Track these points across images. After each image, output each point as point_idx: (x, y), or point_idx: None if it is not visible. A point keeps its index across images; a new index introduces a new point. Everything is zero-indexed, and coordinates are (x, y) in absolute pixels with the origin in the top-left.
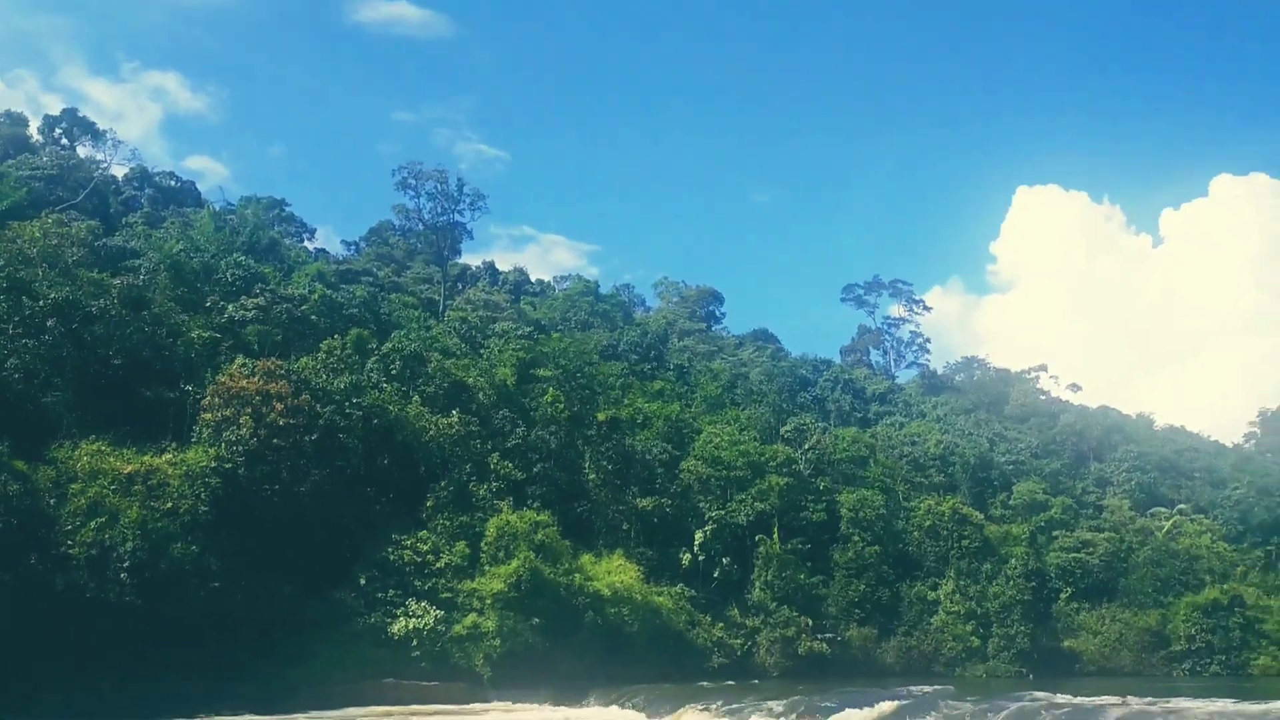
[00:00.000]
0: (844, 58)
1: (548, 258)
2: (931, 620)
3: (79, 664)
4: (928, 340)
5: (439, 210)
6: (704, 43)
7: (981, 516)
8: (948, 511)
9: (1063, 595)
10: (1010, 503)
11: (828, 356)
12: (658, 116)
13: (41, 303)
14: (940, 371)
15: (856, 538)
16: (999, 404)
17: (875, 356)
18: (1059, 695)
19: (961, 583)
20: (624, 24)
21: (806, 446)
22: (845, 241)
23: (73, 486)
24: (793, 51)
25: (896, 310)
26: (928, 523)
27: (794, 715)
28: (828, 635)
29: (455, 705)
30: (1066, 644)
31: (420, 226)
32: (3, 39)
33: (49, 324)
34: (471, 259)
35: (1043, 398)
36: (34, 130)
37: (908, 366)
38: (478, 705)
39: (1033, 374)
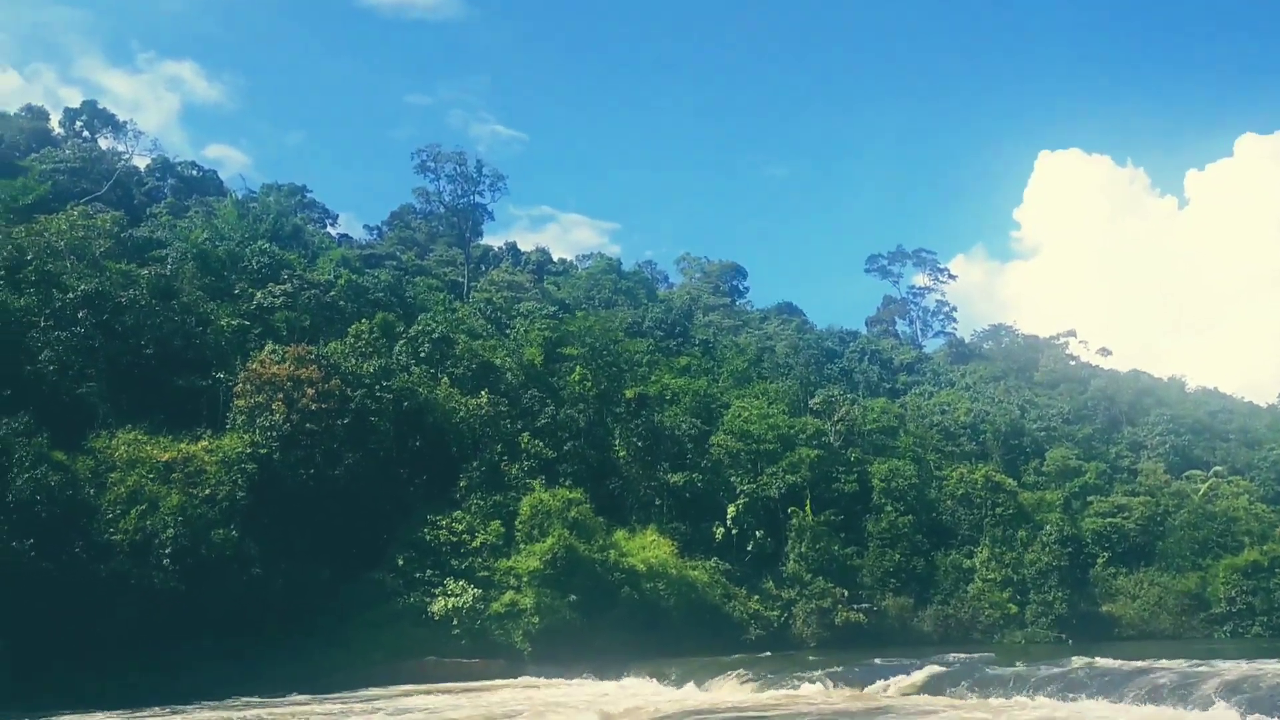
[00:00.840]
0: (859, 24)
1: (568, 237)
2: (968, 588)
3: (124, 649)
4: (954, 309)
5: (459, 192)
6: (716, 16)
7: (1015, 483)
8: (980, 479)
9: (1099, 560)
10: (1043, 469)
11: (853, 328)
12: (673, 92)
13: (72, 295)
14: (968, 340)
15: (889, 508)
16: (1028, 371)
17: (901, 326)
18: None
19: (997, 550)
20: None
21: (836, 418)
22: (867, 212)
23: (112, 475)
24: (806, 20)
25: (921, 280)
26: (960, 491)
27: (834, 684)
28: (864, 605)
29: (496, 681)
30: (1105, 609)
31: (441, 209)
32: (19, 33)
33: (80, 315)
34: (493, 240)
35: (1072, 363)
36: (55, 123)
37: (934, 336)
38: (518, 681)
39: (1061, 340)
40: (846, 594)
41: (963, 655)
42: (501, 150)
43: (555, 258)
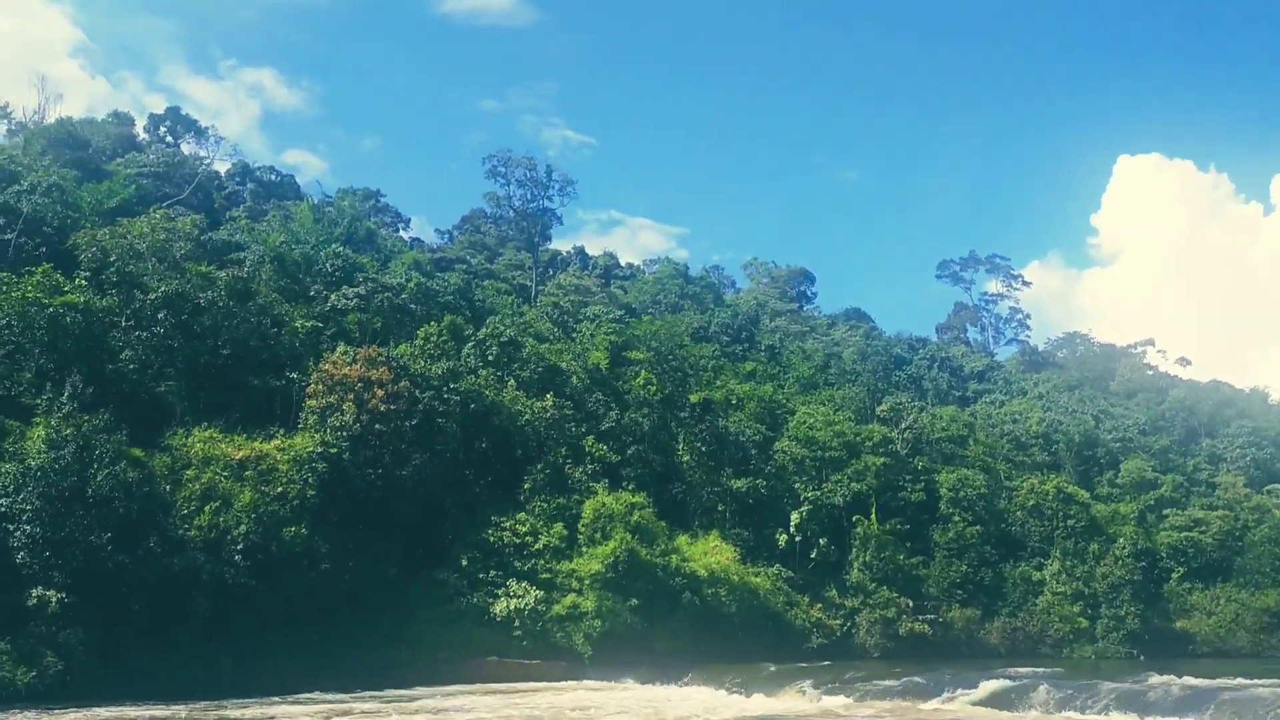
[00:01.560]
0: (932, 27)
1: (636, 241)
2: (1037, 601)
3: (199, 641)
4: (1027, 316)
5: (529, 197)
6: (786, 20)
7: (1087, 495)
8: (1052, 490)
9: (1174, 575)
10: (1117, 481)
11: (923, 334)
12: (742, 96)
13: (152, 296)
14: (1041, 348)
15: (957, 518)
16: (1104, 380)
17: (973, 334)
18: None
19: (1068, 563)
20: (705, 3)
21: (903, 426)
22: (938, 217)
23: (187, 473)
24: (877, 23)
25: (994, 286)
26: (1031, 502)
27: (899, 696)
28: (929, 616)
29: (557, 683)
30: (1179, 625)
31: (511, 213)
32: (109, 43)
33: (160, 316)
34: (561, 244)
35: (1150, 373)
36: (140, 129)
37: (1007, 343)
38: (578, 683)
39: (1139, 349)
40: (911, 604)
41: (1031, 669)
42: (570, 155)
43: (622, 262)
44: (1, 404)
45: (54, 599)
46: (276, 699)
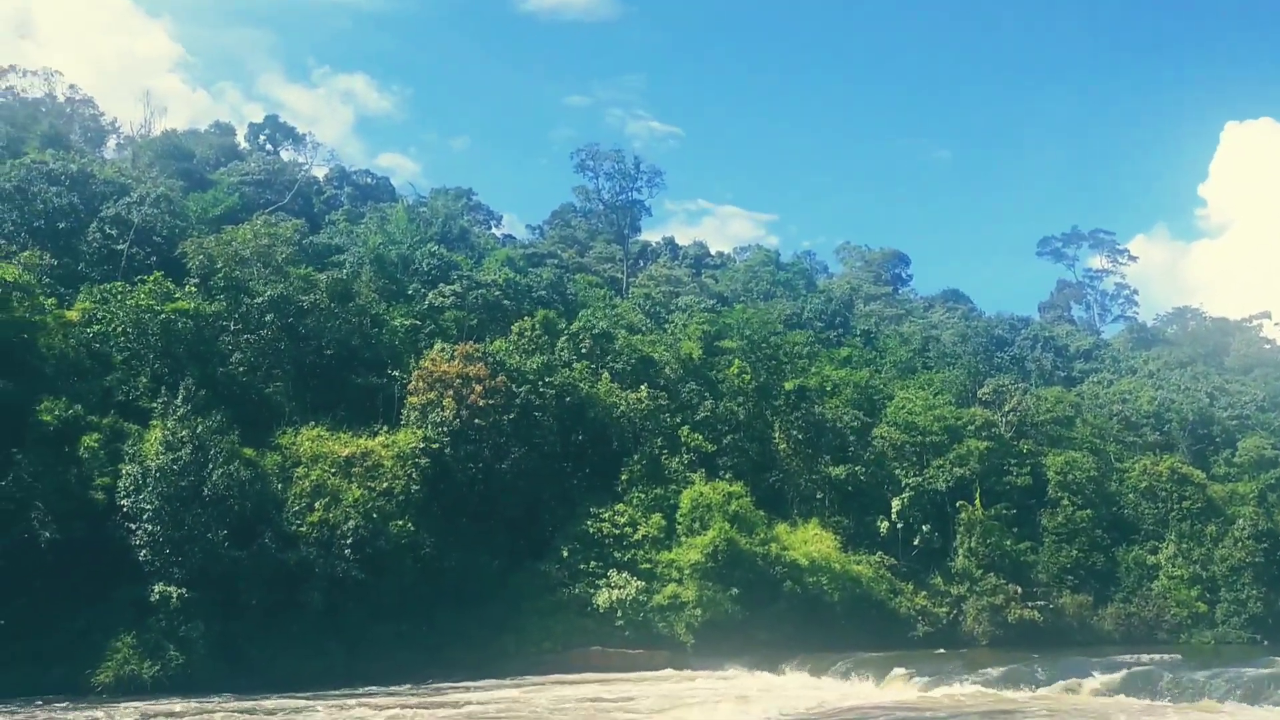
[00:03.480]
0: None
1: (725, 230)
2: (1152, 585)
3: (312, 634)
4: (1134, 292)
5: (617, 189)
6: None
7: (1203, 475)
8: (1165, 471)
9: None
10: (1235, 460)
11: (1025, 314)
12: (829, 78)
13: (258, 300)
14: (1150, 324)
15: (1066, 501)
16: (1218, 356)
17: (1077, 312)
18: None
19: (1184, 545)
20: None
21: (1007, 408)
22: (1037, 193)
23: (297, 470)
24: None
25: (1098, 262)
26: (1143, 484)
27: (1007, 684)
28: (1039, 603)
29: (660, 672)
30: None
31: (600, 206)
32: (208, 55)
33: (266, 319)
34: (651, 235)
35: (1267, 347)
36: (241, 138)
37: (1113, 321)
38: (681, 672)
39: (1255, 322)
40: (1020, 591)
41: (1148, 656)
42: (657, 146)
43: (712, 251)
44: (121, 408)
45: (175, 594)
46: (404, 688)
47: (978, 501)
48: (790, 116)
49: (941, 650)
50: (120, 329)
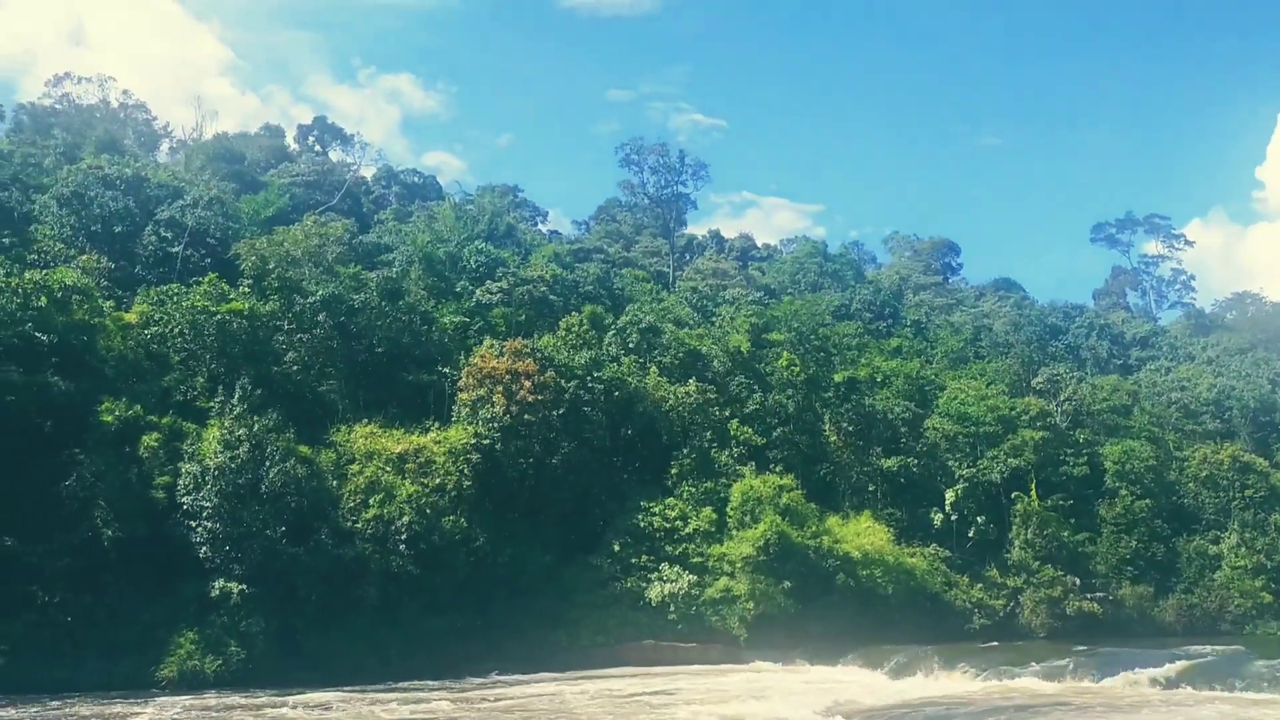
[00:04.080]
0: None
1: (771, 222)
2: (1214, 576)
3: (367, 629)
4: (1191, 277)
5: (662, 183)
6: None
7: (1266, 464)
8: (1226, 460)
9: None
10: None
11: (1079, 301)
12: (874, 65)
13: (311, 300)
14: (1208, 310)
15: (1124, 491)
16: (1279, 341)
17: (1133, 298)
18: None
19: (1247, 535)
20: None
21: (1062, 398)
22: (1090, 178)
23: (352, 467)
24: None
25: (1154, 247)
26: (1204, 473)
27: (1069, 676)
28: (1098, 594)
29: (713, 665)
30: None
31: (645, 201)
32: (257, 59)
33: (319, 318)
34: (697, 229)
35: None
36: (290, 140)
37: (1170, 307)
38: (734, 665)
39: None
40: (1078, 582)
41: (1211, 647)
42: (701, 139)
43: (759, 243)
44: (179, 408)
45: (235, 590)
46: (450, 681)
47: (1033, 492)
48: (835, 105)
49: (998, 643)
50: (177, 330)
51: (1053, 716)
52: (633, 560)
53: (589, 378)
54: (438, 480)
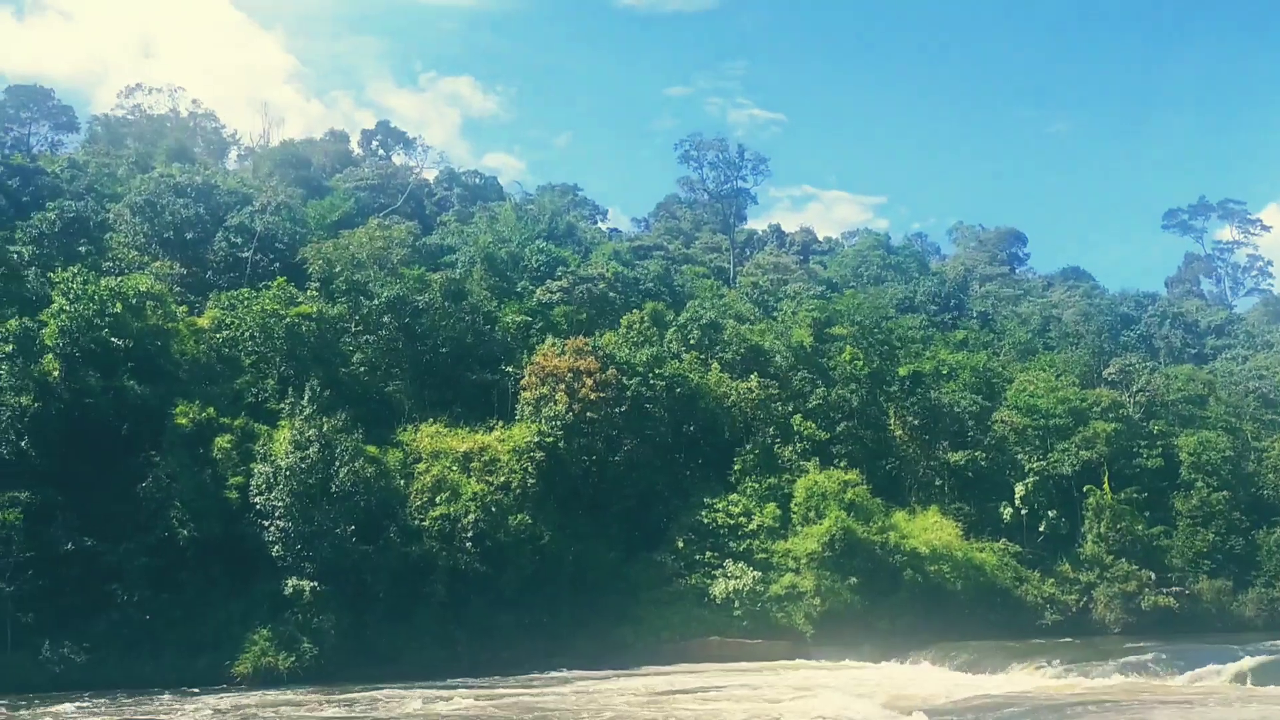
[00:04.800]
0: None
1: (831, 215)
2: None
3: (435, 626)
4: (1268, 263)
5: (722, 179)
6: None
7: None
8: None
9: None
10: None
11: (1151, 290)
12: (936, 53)
13: (377, 301)
14: None
15: (1200, 483)
16: None
17: (1207, 286)
18: None
19: None
20: None
21: (1135, 388)
22: (1160, 163)
23: (418, 466)
24: None
25: (1228, 233)
26: None
27: (1147, 672)
28: (1174, 589)
29: (780, 661)
30: None
31: (705, 197)
32: (321, 66)
33: (385, 320)
34: (757, 224)
35: None
36: (354, 145)
37: (1246, 294)
38: (801, 661)
39: None
40: (1154, 576)
41: None
42: (759, 133)
43: (820, 237)
44: (250, 410)
45: (307, 588)
46: (516, 676)
47: (1106, 485)
48: (896, 95)
49: (1071, 639)
50: (248, 333)
51: (1139, 714)
52: (696, 557)
53: (651, 375)
54: (502, 478)
